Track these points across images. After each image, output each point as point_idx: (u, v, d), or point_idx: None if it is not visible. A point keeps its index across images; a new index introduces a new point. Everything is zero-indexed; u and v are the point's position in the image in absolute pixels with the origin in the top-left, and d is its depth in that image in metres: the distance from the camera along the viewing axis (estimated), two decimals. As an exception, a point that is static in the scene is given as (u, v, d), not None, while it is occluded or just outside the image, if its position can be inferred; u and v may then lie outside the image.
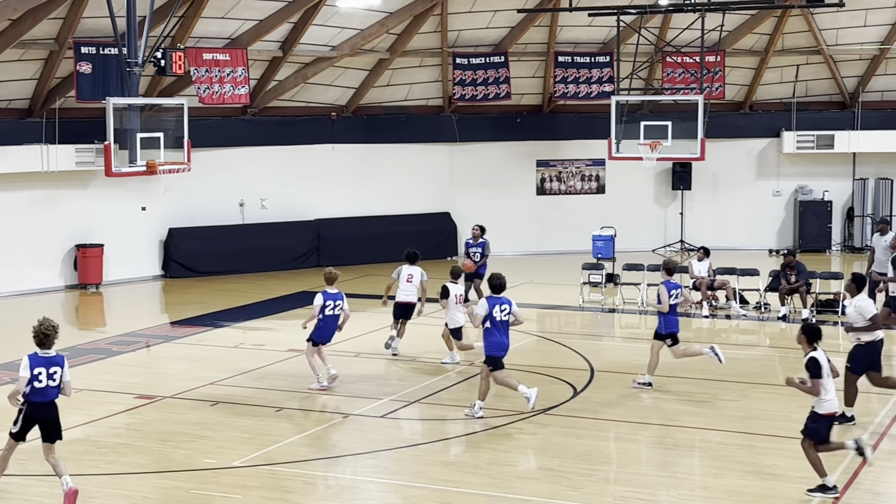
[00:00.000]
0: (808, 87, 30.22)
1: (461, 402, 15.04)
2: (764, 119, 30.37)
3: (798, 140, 29.53)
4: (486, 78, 28.21)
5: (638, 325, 21.13)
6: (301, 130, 27.94)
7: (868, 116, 29.58)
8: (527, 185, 30.11)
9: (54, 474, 11.14)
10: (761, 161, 30.51)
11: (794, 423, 13.86)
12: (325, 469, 12.30)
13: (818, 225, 29.61)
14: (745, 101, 30.42)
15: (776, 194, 30.39)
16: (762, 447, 13.04)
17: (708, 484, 11.93)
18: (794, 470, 12.07)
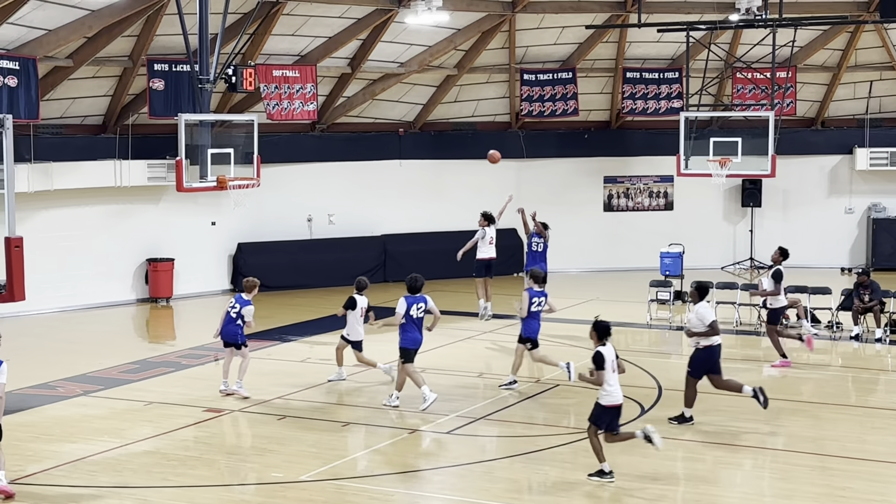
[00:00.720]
0: (881, 104, 29.75)
1: (528, 420, 15.00)
2: (836, 136, 29.95)
3: (871, 157, 29.07)
4: (553, 94, 28.18)
5: (706, 343, 20.85)
6: (369, 146, 28.11)
7: (943, 132, 29.08)
8: (594, 201, 29.98)
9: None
10: (833, 178, 30.06)
11: (866, 445, 13.67)
12: (391, 485, 12.31)
13: (892, 243, 29.07)
14: (817, 118, 30.03)
15: (848, 212, 29.93)
16: (834, 469, 12.82)
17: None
18: (866, 492, 11.86)
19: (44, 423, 14.87)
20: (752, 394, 14.62)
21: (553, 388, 16.68)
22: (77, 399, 16.11)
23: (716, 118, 28.57)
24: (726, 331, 21.12)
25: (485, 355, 19.28)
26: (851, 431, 14.37)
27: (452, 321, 22.41)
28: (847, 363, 19.31)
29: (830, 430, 14.52)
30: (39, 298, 22.60)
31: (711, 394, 16.35)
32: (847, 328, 20.80)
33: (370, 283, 17.27)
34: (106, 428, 14.55)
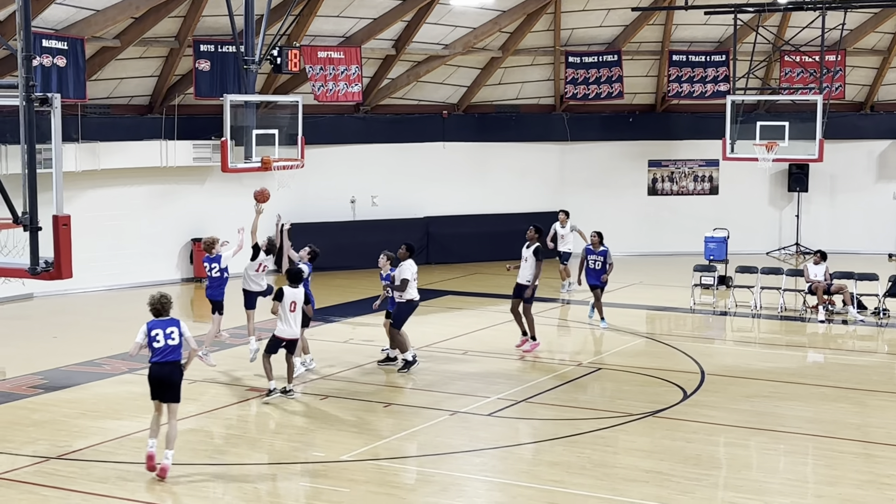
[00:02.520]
0: (932, 87, 29.36)
1: (569, 403, 14.99)
2: (886, 120, 29.56)
3: (921, 142, 28.69)
4: (598, 77, 28.04)
5: (750, 328, 20.76)
6: (413, 128, 28.12)
7: None
8: (638, 185, 29.82)
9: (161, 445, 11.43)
10: (882, 163, 29.68)
11: (913, 433, 13.52)
12: (432, 465, 12.35)
13: (941, 229, 28.72)
14: (867, 102, 29.66)
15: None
16: (879, 456, 12.70)
17: (822, 492, 11.66)
18: (913, 481, 11.74)
19: (90, 399, 15.06)
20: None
21: (595, 372, 16.65)
22: (122, 377, 16.30)
23: (763, 102, 28.29)
24: (770, 316, 21.04)
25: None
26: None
27: (495, 304, 22.42)
28: (893, 349, 19.11)
29: (876, 418, 14.39)
30: (86, 277, 22.84)
31: (756, 379, 16.28)
32: (894, 315, 20.56)
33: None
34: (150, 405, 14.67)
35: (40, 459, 12.37)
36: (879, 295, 21.14)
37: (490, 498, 11.41)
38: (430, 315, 21.39)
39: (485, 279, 25.65)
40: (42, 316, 21.10)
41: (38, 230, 9.18)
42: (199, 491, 11.47)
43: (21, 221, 9.30)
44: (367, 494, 11.39)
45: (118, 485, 11.62)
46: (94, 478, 11.84)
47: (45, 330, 19.79)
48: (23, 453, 12.57)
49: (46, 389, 15.50)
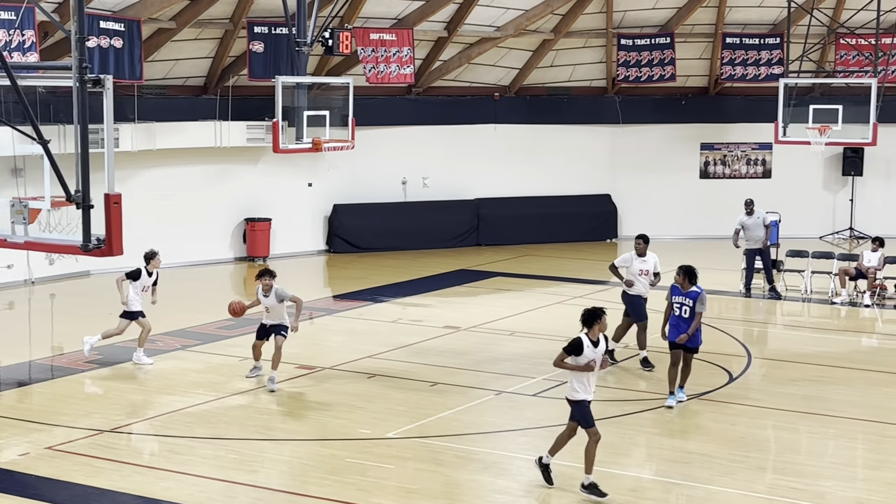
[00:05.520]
0: None
1: (615, 384, 15.05)
2: (943, 103, 29.10)
3: (978, 125, 28.18)
4: (650, 59, 27.89)
5: (800, 312, 20.65)
6: (464, 110, 28.19)
7: None
8: (690, 168, 29.67)
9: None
10: (940, 147, 29.25)
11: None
12: (477, 444, 12.49)
13: None
14: (924, 85, 29.21)
15: (956, 181, 29.15)
16: (926, 442, 12.65)
17: (868, 476, 11.66)
18: (958, 467, 11.69)
19: (143, 375, 15.38)
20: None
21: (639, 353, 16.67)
22: (175, 353, 16.61)
23: (817, 85, 27.99)
24: (821, 301, 20.91)
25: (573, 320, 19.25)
26: (946, 405, 14.14)
27: (544, 285, 22.51)
28: (946, 336, 18.94)
29: (924, 403, 14.31)
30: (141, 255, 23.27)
31: (804, 363, 16.24)
32: (947, 301, 20.38)
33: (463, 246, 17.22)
34: (202, 381, 15.00)
35: (94, 432, 12.69)
36: (932, 280, 20.93)
37: (534, 476, 11.51)
38: (478, 296, 21.52)
39: (534, 261, 25.72)
40: (98, 293, 21.48)
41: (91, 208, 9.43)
42: (246, 465, 11.70)
43: (74, 199, 9.56)
44: (412, 471, 11.57)
45: (168, 458, 11.90)
46: (145, 451, 12.14)
47: (100, 307, 20.15)
48: (78, 426, 12.90)
49: (101, 365, 15.84)
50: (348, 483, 11.18)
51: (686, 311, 13.78)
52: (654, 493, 10.92)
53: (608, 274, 24.77)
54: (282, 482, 11.24)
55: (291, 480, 11.31)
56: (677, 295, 13.93)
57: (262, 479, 11.30)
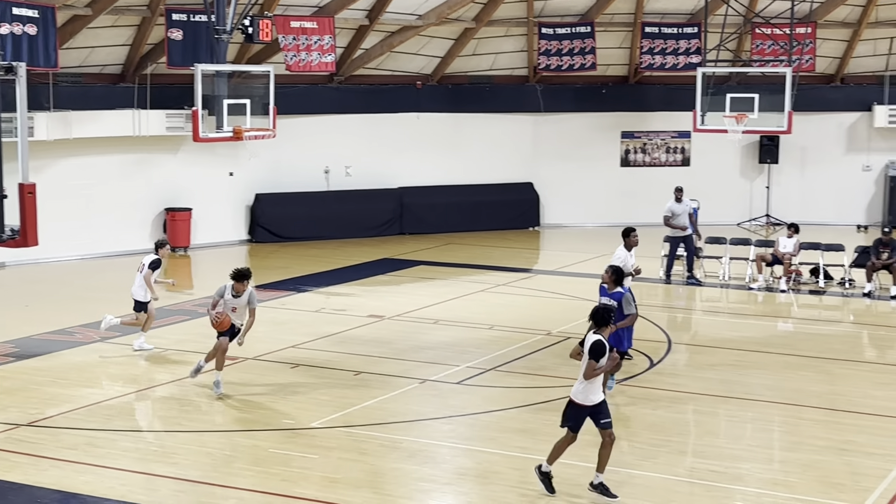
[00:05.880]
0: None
1: (537, 371, 15.16)
2: (855, 92, 29.76)
3: (890, 114, 28.91)
4: (571, 48, 28.08)
5: (719, 298, 20.98)
6: (386, 99, 28.14)
7: (965, 90, 28.86)
8: (611, 156, 29.97)
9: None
10: (851, 135, 29.93)
11: (873, 400, 13.78)
12: (402, 432, 12.50)
13: (909, 201, 29.01)
14: (837, 74, 29.85)
15: (866, 169, 29.81)
16: (840, 423, 12.93)
17: (783, 458, 11.90)
18: (870, 445, 11.98)
19: (61, 367, 15.13)
20: None
21: (564, 341, 16.82)
22: (94, 345, 16.36)
23: (734, 74, 28.43)
24: (739, 286, 21.29)
25: (496, 308, 19.40)
26: (859, 386, 14.48)
27: (467, 273, 22.59)
28: (859, 319, 19.38)
29: (839, 385, 14.64)
30: (59, 246, 22.90)
31: (722, 348, 16.51)
32: (859, 285, 20.83)
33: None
34: (122, 374, 14.81)
35: (11, 426, 12.46)
36: (846, 265, 21.40)
37: (457, 464, 11.57)
38: (402, 285, 21.53)
39: (457, 249, 25.80)
40: (14, 284, 21.09)
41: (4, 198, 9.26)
42: (167, 457, 11.58)
43: (-12, 190, 9.38)
44: (336, 461, 11.54)
45: (87, 451, 11.72)
46: (64, 444, 11.94)
47: (17, 298, 19.80)
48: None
49: (18, 357, 15.55)
50: (272, 473, 11.12)
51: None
52: (574, 479, 11.02)
53: (532, 262, 25.20)
54: (204, 473, 11.14)
55: (214, 472, 11.21)
56: (604, 296, 13.55)
57: (183, 471, 11.18)
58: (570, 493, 10.68)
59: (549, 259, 26.02)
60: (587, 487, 10.58)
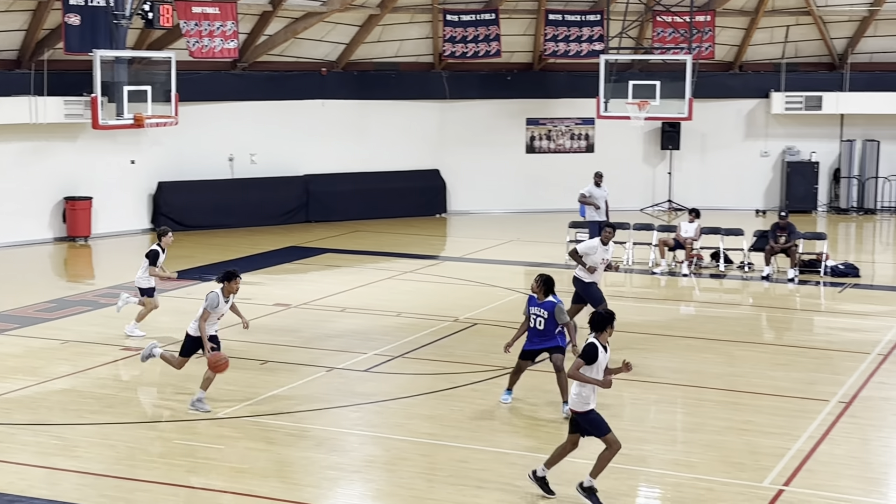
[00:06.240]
0: (797, 48, 30.24)
1: (445, 358, 15.21)
2: (753, 80, 30.39)
3: (787, 101, 29.58)
4: (476, 35, 28.16)
5: (623, 283, 21.27)
6: (291, 86, 27.92)
7: (856, 78, 29.61)
8: (516, 143, 30.15)
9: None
10: (750, 121, 30.56)
11: (773, 381, 14.12)
12: (309, 421, 12.46)
13: (805, 186, 29.73)
14: (735, 62, 30.43)
15: (764, 155, 30.49)
16: (740, 403, 13.22)
17: (686, 438, 12.13)
18: (768, 425, 12.27)
19: (-42, 361, 14.75)
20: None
21: (472, 327, 16.92)
22: (-8, 338, 15.98)
23: (636, 61, 28.80)
24: (642, 271, 21.62)
25: (404, 295, 19.41)
26: (758, 367, 14.81)
27: (374, 261, 22.55)
28: (758, 302, 19.82)
29: (739, 367, 14.94)
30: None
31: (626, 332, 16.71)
32: (758, 268, 21.30)
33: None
34: (21, 366, 14.48)
35: None
36: (745, 249, 21.87)
37: (365, 452, 11.57)
38: (309, 273, 21.42)
39: (364, 237, 25.75)
40: None
41: None
42: (69, 451, 11.37)
43: None
44: (243, 451, 11.45)
45: (-13, 446, 11.47)
46: (-39, 440, 11.66)
47: None
48: None
49: (-89, 352, 15.12)
50: (176, 465, 11.00)
51: (541, 322, 12.51)
52: (482, 464, 11.11)
53: (438, 248, 25.22)
54: (108, 467, 10.97)
55: (117, 464, 11.04)
56: (534, 305, 12.64)
57: (86, 465, 10.99)
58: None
59: (456, 246, 26.12)
60: (576, 489, 10.20)
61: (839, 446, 11.76)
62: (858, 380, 14.23)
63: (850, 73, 29.66)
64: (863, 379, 14.26)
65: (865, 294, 19.89)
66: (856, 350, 15.66)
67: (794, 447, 11.60)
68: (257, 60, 27.31)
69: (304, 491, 10.50)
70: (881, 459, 11.65)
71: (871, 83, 29.46)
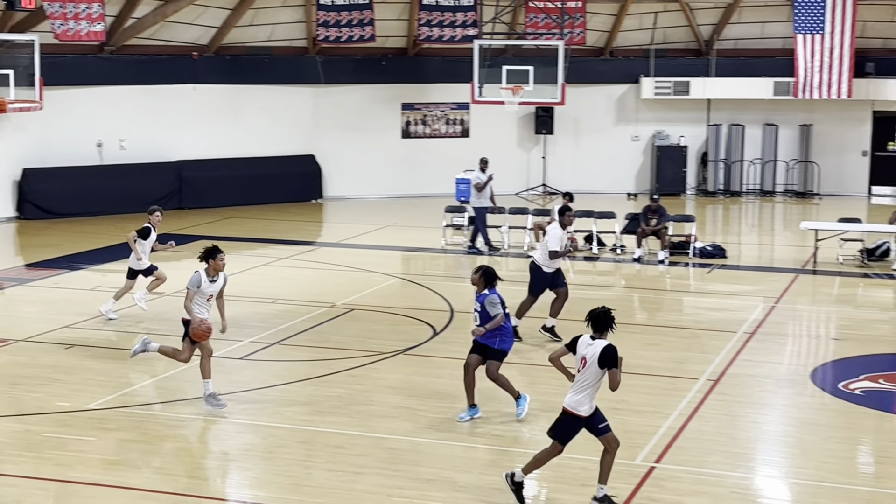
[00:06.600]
0: (665, 35, 30.88)
1: (321, 344, 15.15)
2: (624, 65, 30.95)
3: (656, 86, 30.20)
4: (350, 20, 28.02)
5: (500, 266, 21.44)
6: (161, 70, 27.38)
7: (722, 64, 30.38)
8: (392, 128, 30.14)
9: None
10: (621, 106, 31.12)
11: (645, 360, 14.42)
12: (183, 410, 12.28)
13: (673, 169, 30.44)
14: (606, 48, 30.93)
15: (635, 139, 31.09)
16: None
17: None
18: (640, 404, 12.53)
19: None
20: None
21: (348, 313, 16.88)
22: None
23: (509, 46, 29.04)
24: (518, 255, 21.86)
25: (280, 282, 19.26)
26: (630, 347, 15.05)
27: (249, 248, 22.31)
28: (630, 284, 20.22)
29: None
30: None
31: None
32: (630, 251, 21.73)
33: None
34: None
35: None
36: (616, 232, 22.28)
37: (242, 440, 11.45)
38: (182, 260, 21.06)
39: (239, 223, 25.45)
40: None
41: None
42: (-67, 448, 11.01)
43: None
44: (116, 442, 11.24)
45: None
46: None
47: None
48: None
49: None
50: (45, 458, 10.73)
51: (476, 317, 12.06)
52: (361, 450, 11.11)
53: (315, 234, 25.07)
54: (-27, 463, 10.65)
55: (-16, 460, 10.73)
56: (476, 298, 12.16)
57: (-50, 462, 10.66)
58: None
59: (333, 231, 26.03)
60: (591, 501, 9.77)
61: (708, 423, 12.08)
62: (726, 358, 14.65)
63: (717, 59, 30.43)
64: (730, 357, 14.67)
65: (732, 274, 20.47)
66: (723, 329, 16.11)
67: (665, 425, 11.90)
68: (126, 44, 26.71)
69: (180, 481, 10.35)
70: (748, 435, 12.02)
71: (737, 69, 30.27)
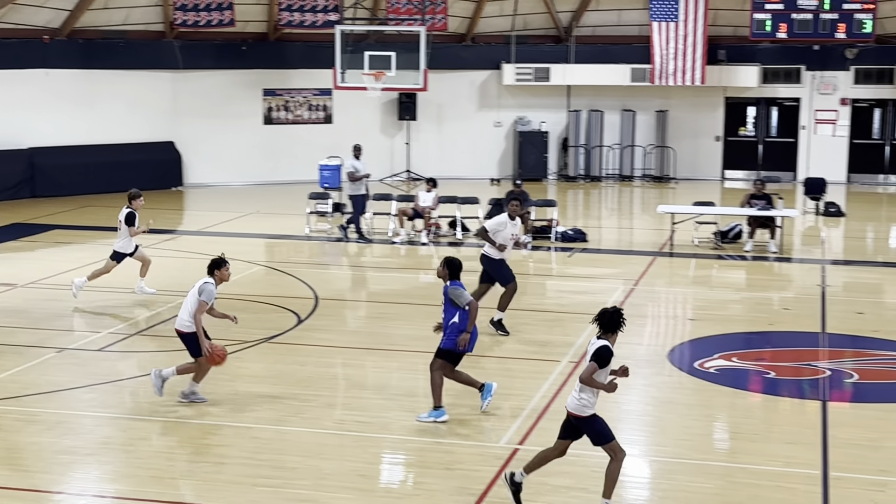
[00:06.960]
0: (525, 21, 31.20)
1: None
2: (485, 51, 31.17)
3: (517, 73, 30.51)
4: (208, 4, 27.55)
5: (364, 252, 21.43)
6: (10, 54, 26.47)
7: (581, 50, 30.87)
8: (253, 114, 29.77)
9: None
10: (483, 93, 31.35)
11: (511, 344, 14.57)
12: (39, 405, 11.91)
13: (535, 154, 30.82)
14: (468, 34, 31.10)
15: (497, 125, 31.36)
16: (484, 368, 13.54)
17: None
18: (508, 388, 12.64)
19: None
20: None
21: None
22: None
23: (371, 32, 28.95)
24: (382, 241, 21.85)
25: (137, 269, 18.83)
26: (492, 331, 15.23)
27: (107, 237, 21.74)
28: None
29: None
30: None
31: (368, 301, 16.86)
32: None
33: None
34: None
35: None
36: (481, 218, 22.43)
37: (101, 433, 11.17)
38: (36, 250, 20.46)
39: (96, 212, 24.79)
40: None
41: None
42: None
43: None
44: (-34, 440, 10.84)
45: None
46: None
47: None
48: None
49: None
50: None
51: (443, 308, 11.79)
52: (225, 440, 10.96)
53: (176, 223, 24.59)
54: None
55: None
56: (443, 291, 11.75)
57: None
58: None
59: (194, 219, 25.57)
60: None
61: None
62: (587, 340, 14.85)
63: (576, 45, 30.89)
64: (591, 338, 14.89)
65: (592, 258, 20.83)
66: (584, 311, 16.34)
67: (529, 406, 12.04)
68: (-28, 27, 25.76)
69: (35, 477, 10.04)
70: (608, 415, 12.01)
71: (595, 55, 30.78)
